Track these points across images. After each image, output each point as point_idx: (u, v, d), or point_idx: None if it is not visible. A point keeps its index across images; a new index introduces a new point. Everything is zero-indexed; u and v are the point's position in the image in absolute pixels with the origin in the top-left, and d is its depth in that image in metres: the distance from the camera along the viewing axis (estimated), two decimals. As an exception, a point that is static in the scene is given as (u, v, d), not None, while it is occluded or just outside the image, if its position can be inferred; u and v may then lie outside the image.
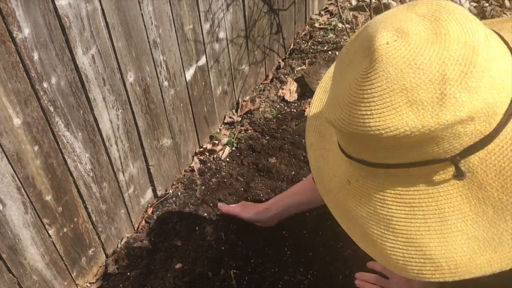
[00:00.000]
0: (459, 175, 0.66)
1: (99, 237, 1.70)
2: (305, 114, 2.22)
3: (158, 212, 1.89)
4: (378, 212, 0.72)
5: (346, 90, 0.67)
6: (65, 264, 1.58)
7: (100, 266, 1.75)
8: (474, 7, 2.79)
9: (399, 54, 0.62)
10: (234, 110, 2.32)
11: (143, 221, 1.87)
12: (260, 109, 2.29)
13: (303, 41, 2.72)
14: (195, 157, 2.11)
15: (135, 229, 1.86)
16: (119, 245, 1.80)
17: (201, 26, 1.87)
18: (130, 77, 1.59)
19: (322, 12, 2.97)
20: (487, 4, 2.79)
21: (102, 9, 1.40)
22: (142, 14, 1.55)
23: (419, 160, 0.67)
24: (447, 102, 0.60)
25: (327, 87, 0.99)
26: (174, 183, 2.01)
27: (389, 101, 0.62)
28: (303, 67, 2.53)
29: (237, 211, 1.72)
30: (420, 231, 0.69)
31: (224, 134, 2.20)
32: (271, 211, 1.64)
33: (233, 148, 2.13)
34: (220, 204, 1.79)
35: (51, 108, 1.34)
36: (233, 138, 2.17)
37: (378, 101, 0.63)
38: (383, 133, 0.63)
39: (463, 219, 0.68)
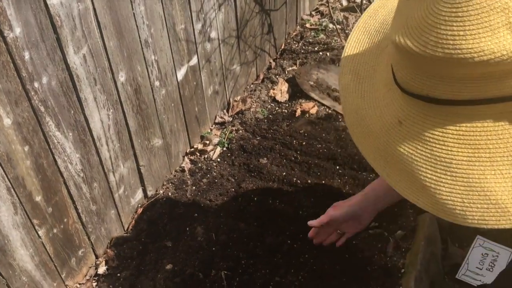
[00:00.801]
0: None
1: (89, 238, 1.69)
2: (296, 115, 2.22)
3: (148, 213, 1.88)
4: (435, 154, 0.66)
5: (428, 10, 0.60)
6: (54, 265, 1.57)
7: (90, 267, 1.74)
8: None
9: None
10: (225, 110, 2.31)
11: (133, 222, 1.86)
12: (251, 110, 2.28)
13: (294, 42, 2.72)
14: (185, 157, 2.10)
15: (125, 229, 1.85)
16: (109, 246, 1.79)
17: (193, 26, 1.87)
18: (122, 77, 1.58)
19: (313, 13, 2.97)
20: None
21: (94, 9, 1.38)
22: (134, 13, 1.54)
23: (496, 96, 0.61)
24: None
25: (367, 27, 0.90)
26: (165, 183, 2.00)
27: (487, 21, 0.56)
28: (294, 67, 2.53)
29: (330, 214, 1.50)
30: (485, 175, 0.63)
31: (215, 134, 2.19)
32: (370, 197, 1.42)
33: (224, 149, 2.13)
34: (310, 222, 1.55)
35: (42, 108, 1.32)
36: (224, 138, 2.16)
37: (474, 20, 0.56)
38: (475, 56, 0.56)
39: None
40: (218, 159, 2.08)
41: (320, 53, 2.59)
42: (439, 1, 0.60)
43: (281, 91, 2.37)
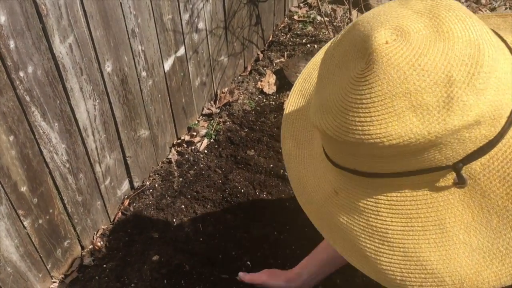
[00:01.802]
0: (460, 182, 0.62)
1: (74, 229, 1.68)
2: (284, 107, 2.23)
3: (134, 204, 1.88)
4: (371, 224, 0.67)
5: (338, 95, 0.62)
6: (40, 256, 1.56)
7: (76, 258, 1.73)
8: (451, 3, 2.82)
9: (401, 55, 0.57)
10: (212, 102, 2.31)
11: (120, 213, 1.86)
12: (239, 101, 2.28)
13: (282, 34, 2.71)
14: (172, 149, 2.09)
15: (112, 221, 1.85)
16: (95, 237, 1.78)
17: (180, 16, 1.85)
18: (108, 67, 1.57)
19: (301, 5, 2.96)
20: (463, 0, 2.83)
21: (80, -3, 1.37)
22: (121, 3, 1.52)
23: (418, 168, 0.62)
24: (454, 106, 0.56)
25: (303, 91, 0.91)
26: (151, 174, 1.99)
27: (391, 106, 0.57)
28: (282, 59, 2.52)
29: (264, 279, 1.46)
30: (419, 244, 0.64)
31: (202, 126, 2.19)
32: (303, 275, 1.41)
33: (211, 140, 2.13)
34: (241, 274, 1.51)
35: (27, 98, 1.31)
36: (212, 130, 2.16)
37: (378, 106, 0.58)
38: (384, 141, 0.58)
39: (465, 229, 0.63)
40: (205, 151, 2.08)
41: (308, 45, 2.59)
42: (346, 87, 0.61)
43: (269, 83, 2.37)
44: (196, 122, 2.21)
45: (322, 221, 0.75)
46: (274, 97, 2.31)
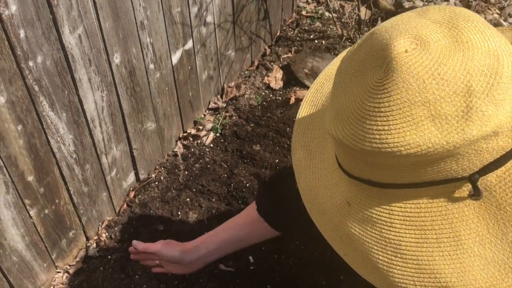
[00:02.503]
0: (476, 194, 0.61)
1: (80, 220, 1.69)
2: (290, 103, 2.23)
3: (140, 196, 1.88)
4: (384, 236, 0.66)
5: (355, 103, 0.62)
6: (45, 246, 1.56)
7: (81, 249, 1.74)
8: (460, 1, 2.82)
9: (421, 64, 0.57)
10: (219, 96, 2.31)
11: (125, 205, 1.86)
12: (245, 96, 2.28)
13: (290, 29, 2.71)
14: (178, 142, 2.09)
15: (117, 212, 1.85)
16: (100, 228, 1.78)
17: (189, 9, 1.85)
18: (116, 59, 1.57)
19: (310, 0, 2.96)
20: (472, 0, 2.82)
21: (91, -12, 1.37)
22: (130, -5, 1.52)
23: (433, 179, 0.61)
24: (473, 116, 0.55)
25: (315, 101, 0.90)
26: (157, 167, 2.00)
27: (410, 114, 0.57)
28: (289, 54, 2.52)
29: (158, 248, 1.41)
30: (433, 256, 0.63)
31: (209, 120, 2.19)
32: (200, 250, 1.38)
33: (217, 134, 2.13)
34: (134, 242, 1.45)
35: (36, 88, 1.31)
36: (218, 124, 2.16)
37: (396, 114, 0.57)
38: (402, 150, 0.57)
39: (480, 242, 0.62)
40: (211, 145, 2.08)
41: (316, 41, 2.58)
42: (364, 95, 0.61)
43: (276, 78, 2.37)
44: (203, 116, 2.21)
45: (332, 232, 0.75)
46: (281, 93, 2.31)
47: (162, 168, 1.99)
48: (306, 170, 0.83)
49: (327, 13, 2.79)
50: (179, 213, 1.81)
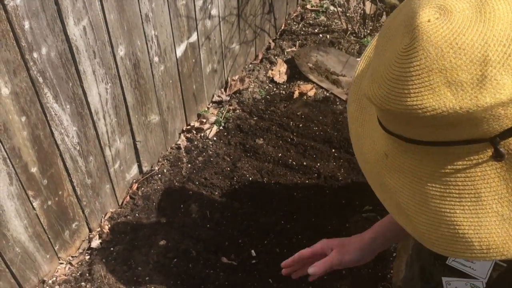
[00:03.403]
0: (497, 156, 0.65)
1: (83, 211, 1.69)
2: (294, 97, 2.22)
3: (143, 189, 1.88)
4: (413, 187, 0.72)
5: (385, 66, 0.67)
6: (48, 237, 1.57)
7: (83, 240, 1.74)
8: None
9: (440, 33, 0.61)
10: (223, 89, 2.30)
11: (128, 197, 1.86)
12: (249, 89, 2.28)
13: (294, 23, 2.70)
14: (182, 135, 2.09)
15: (120, 204, 1.86)
16: (103, 220, 1.79)
17: (194, 2, 1.85)
18: (121, 51, 1.56)
19: (314, -6, 2.94)
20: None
21: (96, -20, 1.37)
22: (135, -13, 1.52)
23: (457, 139, 0.66)
24: (487, 84, 0.59)
25: (371, 57, 0.96)
26: (160, 160, 2.00)
27: (428, 80, 0.62)
28: (293, 48, 2.51)
29: (335, 260, 1.24)
30: (455, 209, 0.69)
31: (212, 113, 2.19)
32: (377, 240, 1.26)
33: (221, 128, 2.13)
34: (311, 270, 1.24)
35: (40, 79, 1.31)
36: (221, 117, 2.16)
37: (416, 80, 0.62)
38: (420, 112, 0.62)
39: (499, 200, 0.67)
40: (214, 138, 2.08)
41: (320, 35, 2.57)
42: (392, 59, 0.66)
43: (280, 72, 2.36)
44: (206, 109, 2.21)
45: (374, 181, 0.81)
46: (285, 86, 2.31)
47: (165, 161, 1.99)
48: (356, 121, 0.90)
49: (332, 7, 2.78)
50: (182, 206, 1.81)
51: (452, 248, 0.70)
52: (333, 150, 1.98)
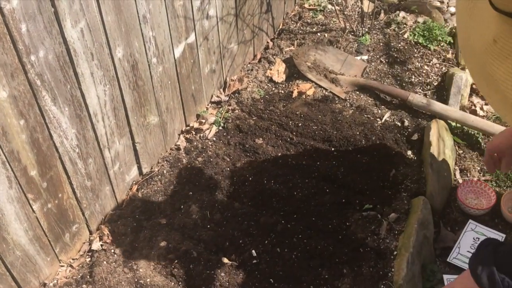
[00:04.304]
0: None
1: (83, 214, 1.69)
2: (293, 96, 2.22)
3: (143, 190, 1.88)
4: None
5: None
6: (48, 240, 1.57)
7: (84, 243, 1.74)
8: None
9: None
10: (221, 89, 2.30)
11: (128, 199, 1.86)
12: (248, 89, 2.27)
13: (292, 22, 2.69)
14: (181, 136, 2.09)
15: (120, 206, 1.85)
16: (103, 222, 1.79)
17: (191, 2, 1.84)
18: (119, 53, 1.56)
19: (312, -7, 2.94)
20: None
21: (92, -18, 1.36)
22: (132, -12, 1.52)
23: None
24: None
25: None
26: (160, 161, 2.00)
27: None
28: (292, 48, 2.51)
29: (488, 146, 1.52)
30: None
31: (211, 113, 2.19)
32: None
33: (220, 128, 2.12)
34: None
35: (38, 82, 1.31)
36: (220, 117, 2.15)
37: None
38: None
39: None
40: (214, 138, 2.08)
41: (318, 34, 2.57)
42: None
43: (278, 71, 2.36)
44: (205, 110, 2.21)
45: (479, 75, 0.79)
46: (283, 86, 2.30)
47: (165, 162, 1.99)
48: (464, 10, 0.87)
49: (329, 6, 2.77)
50: (182, 207, 1.81)
51: None
52: (333, 149, 1.97)
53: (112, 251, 1.69)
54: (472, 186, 1.81)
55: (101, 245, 1.72)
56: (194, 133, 2.10)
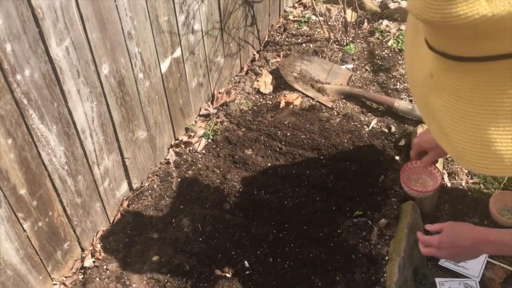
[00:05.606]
0: None
1: (74, 231, 1.69)
2: (281, 106, 2.24)
3: (133, 205, 1.88)
4: (453, 106, 0.75)
5: None
6: (40, 259, 1.56)
7: (76, 260, 1.74)
8: None
9: None
10: (209, 102, 2.32)
11: (119, 214, 1.86)
12: (236, 101, 2.29)
13: (278, 34, 2.72)
14: (170, 150, 2.10)
15: (111, 222, 1.85)
16: (94, 239, 1.78)
17: (176, 17, 1.86)
18: (105, 69, 1.57)
19: (296, 5, 2.98)
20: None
21: (76, 0, 1.38)
22: (116, 5, 1.53)
23: (495, 53, 0.68)
24: None
25: None
26: (150, 175, 2.00)
27: None
28: (278, 59, 2.53)
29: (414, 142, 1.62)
30: (489, 127, 0.71)
31: (200, 126, 2.20)
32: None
33: (209, 140, 2.13)
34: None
35: (25, 101, 1.32)
36: (209, 130, 2.17)
37: None
38: (453, 20, 0.64)
39: None
40: (203, 151, 2.09)
41: (303, 44, 2.60)
42: None
43: (265, 82, 2.38)
44: (194, 123, 2.22)
45: (420, 104, 0.85)
46: (271, 97, 2.32)
47: (155, 176, 2.00)
48: (410, 44, 0.93)
49: (313, 17, 2.81)
50: (173, 220, 1.82)
51: (483, 164, 0.73)
52: (321, 157, 1.99)
53: (105, 267, 1.69)
54: (414, 167, 1.69)
55: (93, 262, 1.72)
56: (183, 146, 2.11)
